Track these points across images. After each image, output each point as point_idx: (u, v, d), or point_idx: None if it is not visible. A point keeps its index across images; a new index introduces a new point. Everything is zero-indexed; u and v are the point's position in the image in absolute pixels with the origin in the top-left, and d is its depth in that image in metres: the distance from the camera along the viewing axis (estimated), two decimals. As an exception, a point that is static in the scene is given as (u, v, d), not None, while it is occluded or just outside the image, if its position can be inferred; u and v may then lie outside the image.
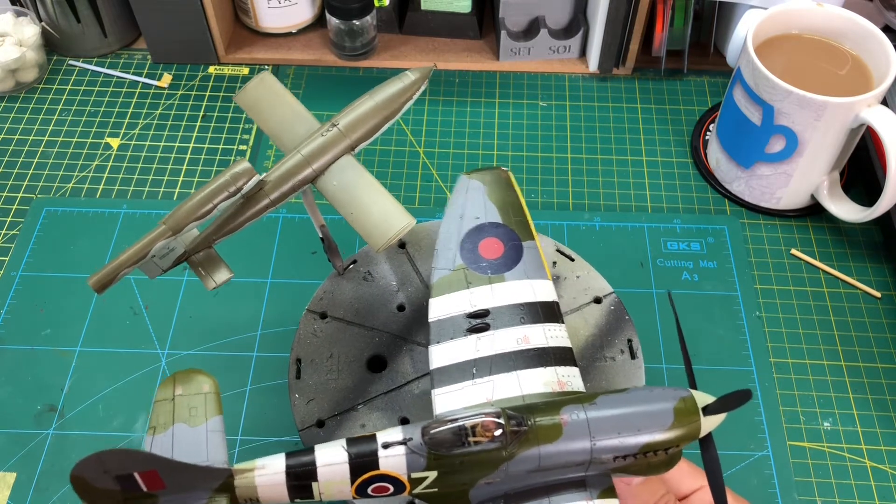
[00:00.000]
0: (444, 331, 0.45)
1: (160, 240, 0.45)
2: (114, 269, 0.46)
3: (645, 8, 0.74)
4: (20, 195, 0.72)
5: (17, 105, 0.79)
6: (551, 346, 0.44)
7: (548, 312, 0.46)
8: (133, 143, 0.76)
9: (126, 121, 0.78)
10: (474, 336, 0.45)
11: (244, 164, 0.45)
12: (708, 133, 0.76)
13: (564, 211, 0.71)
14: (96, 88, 0.81)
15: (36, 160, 0.75)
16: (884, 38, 0.64)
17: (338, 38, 0.80)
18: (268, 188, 0.47)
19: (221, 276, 0.47)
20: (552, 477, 0.40)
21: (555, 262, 0.56)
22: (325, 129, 0.48)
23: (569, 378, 0.43)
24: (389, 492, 0.39)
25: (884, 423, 0.59)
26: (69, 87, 0.81)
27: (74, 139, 0.76)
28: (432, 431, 0.39)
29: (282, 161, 0.48)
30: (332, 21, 0.79)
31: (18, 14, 0.80)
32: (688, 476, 0.46)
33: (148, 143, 0.76)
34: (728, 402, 0.40)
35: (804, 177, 0.67)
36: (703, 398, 0.41)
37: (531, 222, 0.50)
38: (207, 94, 0.80)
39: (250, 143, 0.76)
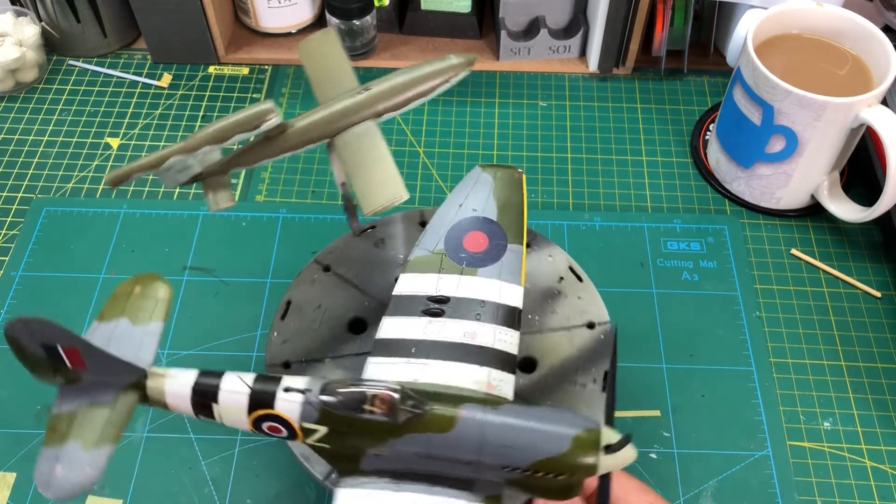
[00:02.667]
0: (401, 306, 0.46)
1: (177, 154, 0.47)
2: (130, 169, 0.49)
3: (645, 8, 0.74)
4: (20, 195, 0.72)
5: (17, 105, 0.79)
6: (495, 349, 0.44)
7: (506, 316, 0.46)
8: (133, 143, 0.76)
9: (126, 121, 0.78)
10: (426, 318, 0.45)
11: (268, 104, 0.46)
12: (708, 133, 0.76)
13: (564, 211, 0.71)
14: (96, 88, 0.81)
15: (36, 160, 0.75)
16: (884, 38, 0.64)
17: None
18: (289, 132, 0.49)
19: (225, 202, 0.50)
20: (440, 468, 0.40)
21: (561, 278, 0.56)
22: (356, 91, 0.49)
23: (500, 383, 0.43)
24: (283, 434, 0.41)
25: (884, 423, 0.59)
26: (69, 87, 0.81)
27: (74, 139, 0.76)
28: (330, 389, 0.40)
29: (310, 111, 0.50)
30: (332, 21, 0.79)
31: (18, 14, 0.80)
32: (635, 493, 0.45)
33: (148, 143, 0.76)
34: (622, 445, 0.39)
35: (804, 177, 0.67)
36: (610, 436, 0.39)
37: (525, 228, 0.50)
38: (207, 94, 0.80)
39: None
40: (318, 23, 0.84)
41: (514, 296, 0.46)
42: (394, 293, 0.47)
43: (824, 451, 0.58)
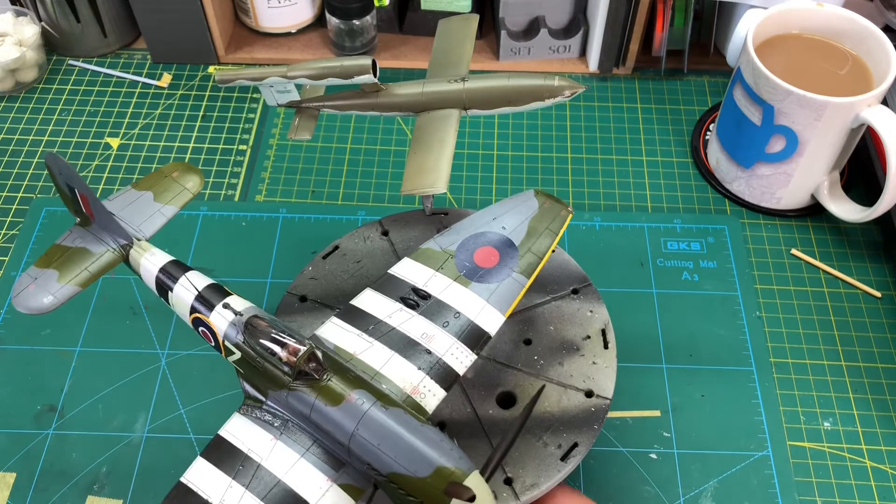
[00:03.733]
0: (386, 285, 0.47)
1: (276, 76, 0.50)
2: (237, 74, 0.51)
3: (645, 8, 0.74)
4: (20, 195, 0.72)
5: (17, 105, 0.79)
6: (442, 360, 0.44)
7: (471, 335, 0.45)
8: (133, 143, 0.76)
9: (126, 121, 0.78)
10: (399, 305, 0.46)
11: (366, 60, 0.47)
12: (708, 133, 0.76)
13: (564, 211, 0.71)
14: (96, 88, 0.81)
15: (36, 160, 0.75)
16: (884, 38, 0.64)
17: (338, 37, 0.80)
18: (381, 94, 0.50)
19: (304, 134, 0.53)
20: (320, 437, 0.41)
21: (588, 337, 0.52)
22: (454, 79, 0.50)
23: (428, 393, 0.42)
24: (212, 343, 0.45)
25: (884, 423, 0.59)
26: (69, 87, 0.81)
27: (74, 139, 0.76)
28: (255, 322, 0.42)
29: (410, 82, 0.51)
30: (332, 21, 0.79)
31: (18, 14, 0.80)
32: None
33: (148, 143, 0.76)
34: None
35: (804, 177, 0.67)
36: (475, 483, 0.38)
37: (540, 267, 0.47)
38: (207, 94, 0.80)
39: (250, 143, 0.76)
40: (318, 23, 0.84)
41: (491, 321, 0.45)
42: (388, 271, 0.48)
43: (824, 451, 0.58)
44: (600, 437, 0.51)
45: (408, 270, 0.47)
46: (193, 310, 0.45)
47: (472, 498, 0.37)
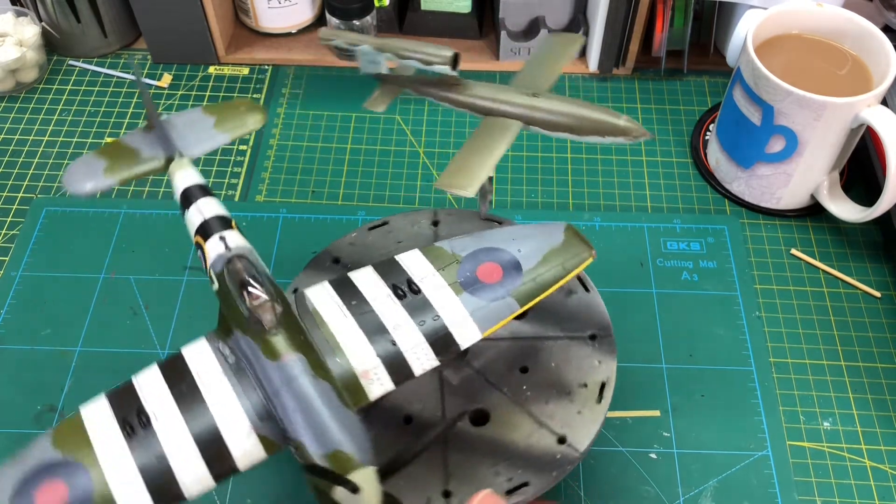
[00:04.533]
0: (386, 268, 0.47)
1: (368, 45, 0.50)
2: (338, 34, 0.52)
3: (645, 8, 0.74)
4: (20, 195, 0.72)
5: (17, 105, 0.79)
6: (402, 355, 0.43)
7: (441, 341, 0.44)
8: (133, 143, 0.76)
9: (126, 121, 0.78)
10: (388, 291, 0.46)
11: (448, 52, 0.47)
12: (708, 133, 0.76)
13: (564, 211, 0.71)
14: (96, 88, 0.81)
15: (36, 160, 0.75)
16: (884, 38, 0.64)
17: (338, 38, 0.80)
18: (457, 89, 0.50)
19: (378, 106, 0.53)
20: (257, 386, 0.42)
21: (585, 385, 0.51)
22: (526, 92, 0.49)
23: (377, 380, 0.42)
24: (205, 267, 0.46)
25: (884, 423, 0.59)
26: (69, 87, 0.81)
27: (74, 139, 0.76)
28: (237, 261, 0.44)
29: (491, 85, 0.50)
30: (332, 21, 0.79)
31: (18, 14, 0.80)
32: None
33: (148, 143, 0.76)
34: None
35: (804, 177, 0.67)
36: (365, 479, 0.38)
37: (535, 301, 0.46)
38: (207, 94, 0.80)
39: (250, 143, 0.76)
40: (318, 23, 0.84)
41: (466, 335, 0.44)
42: (395, 256, 0.48)
43: (824, 451, 0.58)
44: (600, 437, 0.51)
45: (412, 262, 0.47)
46: (197, 233, 0.47)
47: (355, 490, 0.37)
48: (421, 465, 0.47)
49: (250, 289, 0.42)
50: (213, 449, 0.40)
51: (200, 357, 0.43)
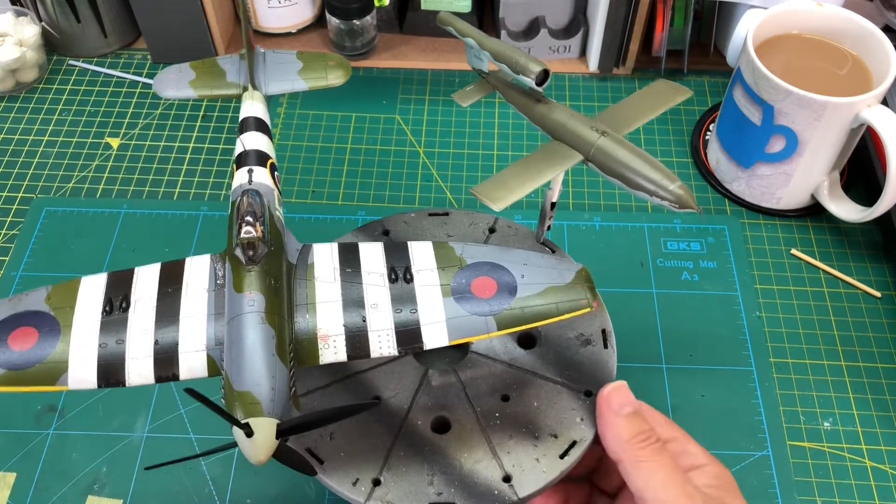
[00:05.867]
0: (393, 250, 0.47)
1: (472, 39, 0.52)
2: (453, 21, 0.53)
3: (645, 8, 0.74)
4: (20, 195, 0.72)
5: (17, 105, 0.79)
6: (365, 334, 0.44)
7: (407, 336, 0.44)
8: (133, 143, 0.76)
9: (126, 121, 0.78)
10: (384, 271, 0.46)
11: (537, 67, 0.47)
12: (708, 133, 0.76)
13: (564, 211, 0.71)
14: (96, 88, 0.81)
15: (36, 160, 0.75)
16: (884, 38, 0.64)
17: (338, 38, 0.80)
18: (539, 105, 0.50)
19: (463, 101, 0.54)
20: (222, 309, 0.44)
21: (556, 436, 0.48)
22: (594, 127, 0.48)
23: (334, 345, 0.44)
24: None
25: (884, 423, 0.59)
26: (69, 87, 0.81)
27: (74, 139, 0.76)
28: (246, 194, 0.46)
29: (564, 109, 0.49)
30: (332, 21, 0.79)
31: (18, 14, 0.80)
32: (664, 424, 0.47)
33: (148, 143, 0.76)
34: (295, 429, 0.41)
35: (804, 177, 0.67)
36: (262, 426, 0.39)
37: (512, 330, 0.45)
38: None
39: (250, 143, 0.76)
40: (318, 23, 0.84)
41: (434, 336, 0.44)
42: (408, 241, 0.48)
43: (824, 451, 0.58)
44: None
45: (419, 252, 0.47)
46: (235, 161, 0.50)
47: (249, 434, 0.38)
48: (366, 448, 0.47)
49: (244, 223, 0.44)
50: (166, 354, 0.43)
51: (197, 270, 0.45)
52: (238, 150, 0.50)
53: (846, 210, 0.67)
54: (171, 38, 0.80)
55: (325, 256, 0.47)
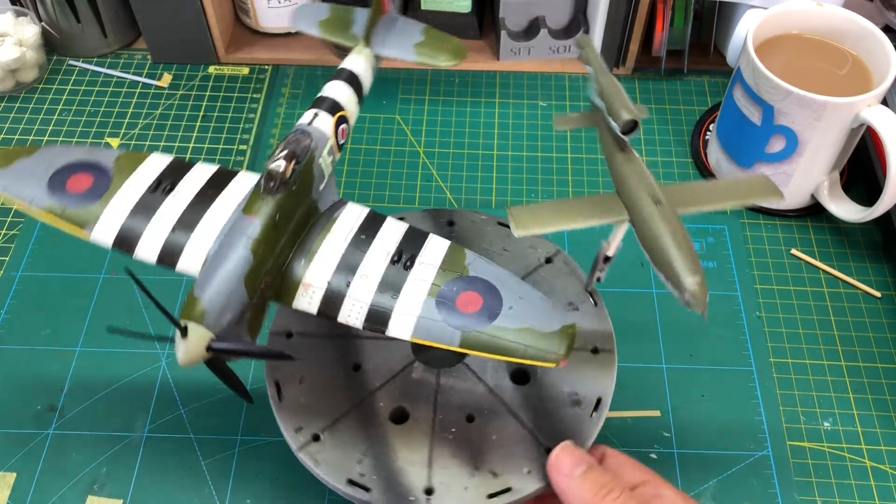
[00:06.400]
0: (409, 236, 0.48)
1: (594, 68, 0.50)
2: (588, 43, 0.52)
3: (645, 8, 0.74)
4: (20, 195, 0.72)
5: (17, 105, 0.79)
6: (341, 297, 0.45)
7: (376, 316, 0.44)
8: (133, 143, 0.76)
9: (126, 121, 0.78)
10: (392, 250, 0.47)
11: (627, 116, 0.45)
12: (708, 133, 0.76)
13: (564, 211, 0.71)
14: (96, 88, 0.81)
15: (36, 160, 0.75)
16: (884, 38, 0.64)
17: (338, 38, 0.80)
18: (620, 155, 0.47)
19: (560, 125, 0.53)
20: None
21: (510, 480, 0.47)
22: (653, 194, 0.44)
23: (309, 297, 0.45)
24: None
25: (884, 423, 0.59)
26: (69, 87, 0.81)
27: (74, 139, 0.76)
28: (298, 133, 0.48)
29: (640, 170, 0.46)
30: (332, 21, 0.79)
31: (18, 14, 0.80)
32: (630, 468, 0.46)
33: (148, 143, 0.76)
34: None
35: (804, 177, 0.67)
36: (194, 331, 0.41)
37: (474, 353, 0.43)
38: (207, 94, 0.80)
39: (250, 143, 0.76)
40: (318, 23, 0.84)
41: (399, 327, 0.44)
42: (430, 233, 0.48)
43: (824, 451, 0.58)
44: (601, 438, 0.51)
45: (432, 247, 0.47)
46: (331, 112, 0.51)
47: (184, 334, 0.41)
48: (324, 405, 0.50)
49: (279, 157, 0.45)
50: (173, 247, 0.46)
51: (241, 185, 0.48)
52: (323, 93, 0.52)
53: (846, 210, 0.67)
54: (171, 38, 0.80)
55: (350, 217, 0.48)
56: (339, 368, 0.51)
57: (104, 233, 0.47)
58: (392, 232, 0.47)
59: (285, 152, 0.46)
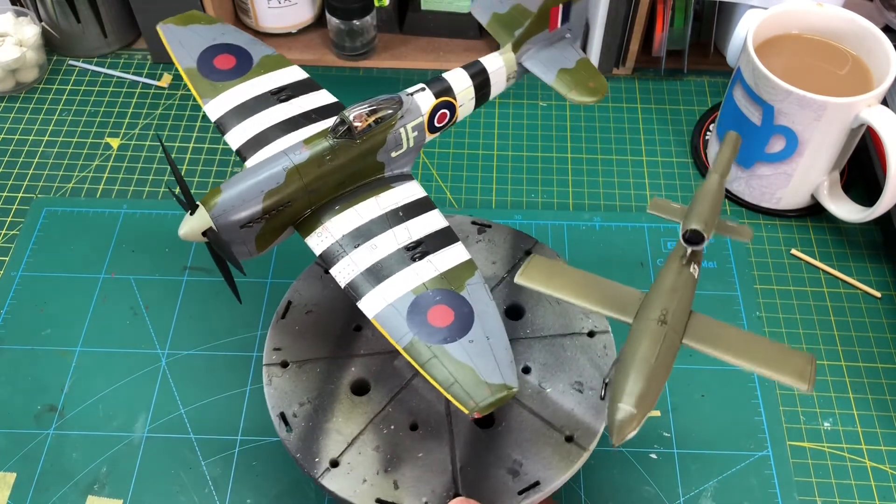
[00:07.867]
0: (440, 234, 0.48)
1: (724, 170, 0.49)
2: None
3: (645, 8, 0.74)
4: (20, 195, 0.72)
5: (17, 105, 0.79)
6: (343, 255, 0.47)
7: (354, 286, 0.46)
8: (133, 143, 0.76)
9: (126, 121, 0.78)
10: (415, 237, 0.47)
11: (690, 224, 0.44)
12: (708, 133, 0.76)
13: (564, 211, 0.71)
14: (96, 88, 0.81)
15: (36, 160, 0.75)
16: (884, 38, 0.64)
17: (338, 38, 0.80)
18: (678, 259, 0.46)
19: (659, 211, 0.53)
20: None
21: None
22: (664, 312, 0.44)
23: (321, 240, 0.48)
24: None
25: (884, 423, 0.59)
26: (69, 87, 0.81)
27: (74, 139, 0.76)
28: (397, 98, 0.50)
29: (669, 282, 0.45)
30: (332, 21, 0.79)
31: (18, 14, 0.80)
32: None
33: (148, 143, 0.76)
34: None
35: (804, 177, 0.67)
36: (199, 216, 0.46)
37: (415, 366, 0.43)
38: (207, 94, 0.80)
39: (250, 143, 0.76)
40: (318, 23, 0.84)
41: (369, 306, 0.45)
42: (461, 242, 0.48)
43: (824, 451, 0.58)
44: (602, 438, 0.51)
45: (452, 252, 0.47)
46: (434, 96, 0.53)
47: (192, 211, 0.45)
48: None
49: (363, 109, 0.48)
50: (256, 144, 0.51)
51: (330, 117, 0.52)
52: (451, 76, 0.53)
53: (846, 210, 0.67)
54: (171, 38, 0.80)
55: (404, 192, 0.50)
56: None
57: (213, 111, 0.53)
58: (428, 222, 0.48)
59: (370, 108, 0.48)
